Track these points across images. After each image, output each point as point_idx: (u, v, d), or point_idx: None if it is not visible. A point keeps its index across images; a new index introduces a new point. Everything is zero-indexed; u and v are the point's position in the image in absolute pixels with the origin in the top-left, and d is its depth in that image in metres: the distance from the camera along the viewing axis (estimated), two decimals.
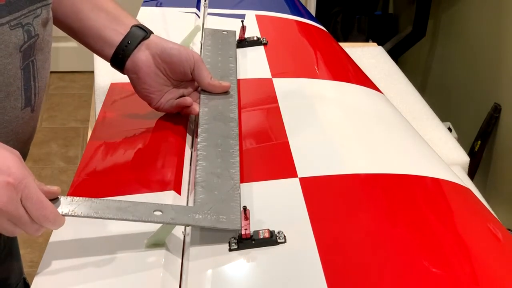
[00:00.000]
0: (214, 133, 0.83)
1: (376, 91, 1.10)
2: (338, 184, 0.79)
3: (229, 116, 0.87)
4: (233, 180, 0.74)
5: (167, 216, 0.65)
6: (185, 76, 0.89)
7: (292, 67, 1.14)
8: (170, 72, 0.88)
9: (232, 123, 0.86)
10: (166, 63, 0.87)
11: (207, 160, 0.77)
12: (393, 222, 0.74)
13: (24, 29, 0.76)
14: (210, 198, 0.70)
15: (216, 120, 0.86)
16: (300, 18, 1.37)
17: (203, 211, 0.68)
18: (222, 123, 0.85)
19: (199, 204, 0.69)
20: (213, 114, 0.87)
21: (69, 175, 2.39)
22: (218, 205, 0.69)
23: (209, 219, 0.67)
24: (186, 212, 0.68)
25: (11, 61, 0.75)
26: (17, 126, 0.80)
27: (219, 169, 0.76)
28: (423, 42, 2.48)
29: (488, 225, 0.78)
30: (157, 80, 0.88)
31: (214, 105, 0.89)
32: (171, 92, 0.89)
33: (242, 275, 0.66)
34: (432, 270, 0.66)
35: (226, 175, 0.75)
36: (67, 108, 2.82)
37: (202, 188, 0.72)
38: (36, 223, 0.63)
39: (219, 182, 0.73)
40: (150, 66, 0.87)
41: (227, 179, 0.74)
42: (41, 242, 2.03)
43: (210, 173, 0.75)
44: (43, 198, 0.63)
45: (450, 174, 0.86)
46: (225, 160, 0.77)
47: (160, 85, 0.88)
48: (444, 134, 1.24)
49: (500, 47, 1.97)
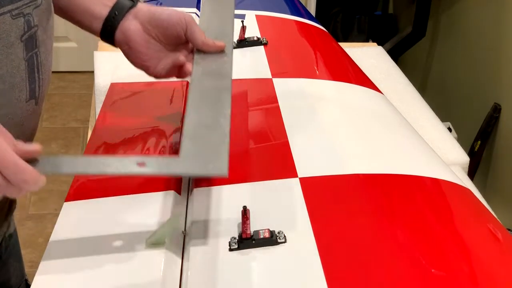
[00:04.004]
0: (206, 88, 0.80)
1: (376, 91, 1.10)
2: (338, 184, 0.79)
3: (223, 72, 0.83)
4: (223, 129, 0.71)
5: (151, 168, 0.63)
6: (179, 39, 0.87)
7: (292, 67, 1.14)
8: (163, 37, 0.86)
9: (225, 79, 0.82)
10: (157, 29, 0.86)
11: (197, 113, 0.74)
12: (393, 222, 0.74)
13: (25, 19, 0.76)
14: (198, 149, 0.67)
15: (209, 75, 0.82)
16: (300, 18, 1.37)
17: (189, 160, 0.65)
18: (215, 78, 0.82)
19: (185, 154, 0.66)
20: (206, 71, 0.83)
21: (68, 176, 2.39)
22: (206, 154, 0.67)
23: (195, 167, 0.65)
24: (171, 162, 0.66)
25: (14, 51, 0.75)
26: (22, 119, 0.79)
27: (209, 120, 0.73)
28: (423, 42, 2.48)
29: (488, 225, 0.78)
30: (150, 47, 0.86)
31: (207, 63, 0.85)
32: (167, 57, 0.88)
33: (242, 275, 0.66)
34: (432, 270, 0.66)
35: (215, 125, 0.72)
36: (67, 108, 2.82)
37: (189, 139, 0.69)
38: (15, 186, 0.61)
39: (207, 133, 0.70)
40: (140, 34, 0.86)
41: (217, 128, 0.71)
42: (41, 242, 2.03)
43: (198, 125, 0.72)
44: (20, 162, 0.61)
45: (450, 174, 0.86)
46: (215, 112, 0.74)
47: (154, 52, 0.87)
48: (444, 134, 1.23)
49: (500, 47, 1.97)
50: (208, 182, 0.79)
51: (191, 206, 0.76)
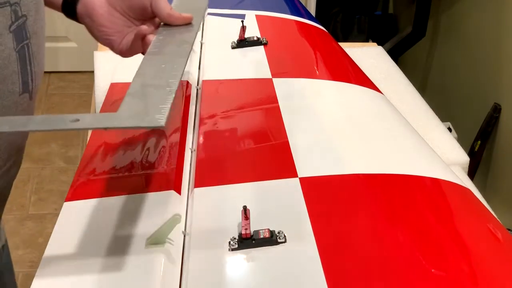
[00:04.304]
0: (162, 54, 0.76)
1: (376, 91, 1.10)
2: (338, 184, 0.79)
3: (184, 40, 0.80)
4: (170, 87, 0.68)
5: (85, 123, 0.61)
6: (145, 12, 0.83)
7: (292, 67, 1.14)
8: (128, 9, 0.83)
9: (186, 45, 0.78)
10: (122, 1, 0.83)
11: (145, 75, 0.71)
12: (393, 222, 0.74)
13: (12, 8, 0.74)
14: (137, 105, 0.64)
15: (168, 43, 0.79)
16: (300, 18, 1.37)
17: (128, 115, 0.62)
18: (174, 45, 0.78)
19: (124, 109, 0.63)
20: (166, 40, 0.80)
21: (69, 175, 2.40)
22: (146, 108, 0.63)
23: (132, 120, 0.62)
24: (107, 117, 0.63)
25: (3, 41, 0.73)
26: (16, 113, 0.78)
27: (156, 81, 0.69)
28: (423, 42, 2.48)
29: (488, 225, 0.78)
30: (114, 21, 0.83)
31: (170, 33, 0.81)
32: (133, 32, 0.84)
33: (242, 275, 0.66)
34: (432, 270, 0.66)
35: (162, 85, 0.68)
36: (67, 108, 2.82)
37: (131, 96, 0.66)
38: None
39: (153, 91, 0.67)
40: (103, 6, 0.82)
41: (163, 88, 0.68)
42: (41, 242, 2.04)
43: (144, 85, 0.69)
44: None
45: (450, 174, 0.86)
46: (166, 73, 0.71)
47: (119, 26, 0.83)
48: (444, 134, 1.23)
49: (500, 47, 1.97)
50: (208, 182, 0.79)
51: (191, 206, 0.75)
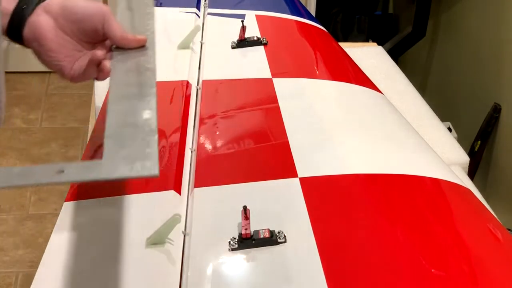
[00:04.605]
0: (126, 84, 0.73)
1: (376, 91, 1.10)
2: (338, 184, 0.79)
3: (145, 66, 0.76)
4: (149, 127, 0.66)
5: (70, 175, 0.58)
6: (96, 34, 0.78)
7: (292, 67, 1.14)
8: (79, 32, 0.78)
9: (148, 72, 0.75)
10: (72, 23, 0.77)
11: (118, 113, 0.68)
12: (393, 222, 0.74)
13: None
14: (122, 149, 0.62)
15: (129, 71, 0.76)
16: (300, 18, 1.37)
17: (114, 163, 0.60)
18: (137, 73, 0.76)
19: (108, 156, 0.61)
20: (126, 67, 0.77)
21: None
22: (132, 154, 0.61)
23: (121, 170, 0.59)
24: (92, 167, 0.60)
25: None
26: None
27: (133, 119, 0.67)
28: (423, 42, 2.48)
29: (488, 225, 0.78)
30: (64, 44, 0.78)
31: (127, 59, 0.78)
32: (84, 56, 0.79)
33: (242, 275, 0.66)
34: (432, 270, 0.66)
35: (140, 123, 0.66)
36: (67, 108, 2.81)
37: (112, 139, 0.63)
38: None
39: (132, 131, 0.65)
40: (51, 30, 0.77)
41: (142, 127, 0.65)
42: (41, 242, 2.03)
43: (121, 124, 0.66)
44: None
45: (450, 174, 0.86)
46: (140, 109, 0.69)
47: (69, 50, 0.78)
48: (444, 134, 1.24)
49: (500, 47, 1.97)
50: (208, 182, 0.79)
51: (191, 206, 0.75)
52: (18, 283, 1.86)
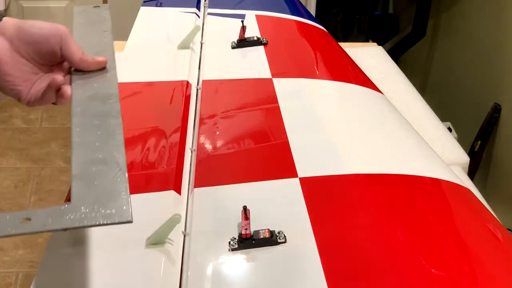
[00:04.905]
0: (90, 115, 0.70)
1: (376, 91, 1.10)
2: (338, 184, 0.79)
3: (107, 93, 0.73)
4: (118, 165, 0.62)
5: (38, 223, 0.55)
6: (54, 56, 0.75)
7: (292, 67, 1.14)
8: (36, 55, 0.74)
9: (111, 100, 0.72)
10: (28, 45, 0.74)
11: (83, 147, 0.65)
12: (393, 222, 0.74)
13: None
14: (91, 190, 0.59)
15: (91, 99, 0.72)
16: (300, 18, 1.37)
17: (84, 208, 0.57)
18: (99, 101, 0.72)
19: (78, 200, 0.58)
20: (87, 94, 0.73)
21: (69, 175, 2.39)
22: (102, 197, 0.58)
23: (92, 217, 0.56)
24: (61, 213, 0.56)
25: None
26: None
27: (100, 155, 0.64)
28: (423, 42, 2.48)
29: (488, 225, 0.78)
30: (20, 68, 0.74)
31: (88, 84, 0.75)
32: (41, 80, 0.75)
33: (242, 275, 0.66)
34: (432, 270, 0.66)
35: (109, 160, 0.63)
36: (67, 108, 2.81)
37: (80, 180, 0.60)
38: None
39: (100, 170, 0.61)
40: (7, 53, 0.73)
41: (111, 164, 0.62)
42: (41, 242, 2.03)
43: (88, 161, 0.63)
44: None
45: (450, 174, 0.86)
46: (106, 143, 0.65)
47: (26, 74, 0.75)
48: (444, 134, 1.23)
49: (500, 47, 1.97)
50: (208, 182, 0.79)
51: (191, 206, 0.75)
52: (18, 283, 1.86)
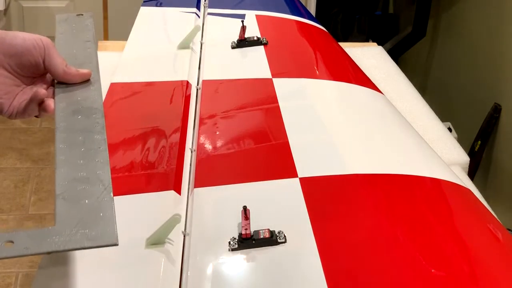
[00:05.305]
0: (74, 131, 0.68)
1: (376, 91, 1.10)
2: (338, 184, 0.79)
3: (92, 107, 0.72)
4: (103, 184, 0.60)
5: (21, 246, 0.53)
6: (37, 69, 0.74)
7: (292, 67, 1.14)
8: (18, 67, 0.73)
9: (96, 114, 0.71)
10: (10, 57, 0.72)
11: (67, 165, 0.63)
12: (393, 222, 0.74)
13: None
14: (75, 211, 0.57)
15: (75, 114, 0.71)
16: (300, 18, 1.37)
17: (68, 230, 0.55)
18: (84, 116, 0.70)
19: (62, 221, 0.56)
20: (71, 108, 0.71)
21: None
22: (87, 218, 0.56)
23: (76, 239, 0.54)
24: (45, 236, 0.54)
25: None
26: None
27: (84, 173, 0.62)
28: (423, 42, 2.48)
29: (488, 225, 0.78)
30: (2, 80, 0.72)
31: (72, 97, 0.73)
32: (24, 92, 0.74)
33: (242, 275, 0.66)
34: (432, 270, 0.66)
35: (93, 178, 0.61)
36: None
37: (64, 200, 0.58)
38: None
39: (85, 189, 0.60)
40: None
41: (95, 183, 0.60)
42: None
43: (72, 180, 0.61)
44: None
45: (450, 174, 0.86)
46: (90, 160, 0.64)
47: (7, 86, 0.73)
48: (444, 134, 1.23)
49: (500, 47, 1.97)
50: (208, 182, 0.79)
51: (191, 206, 0.76)
52: (18, 283, 1.85)
